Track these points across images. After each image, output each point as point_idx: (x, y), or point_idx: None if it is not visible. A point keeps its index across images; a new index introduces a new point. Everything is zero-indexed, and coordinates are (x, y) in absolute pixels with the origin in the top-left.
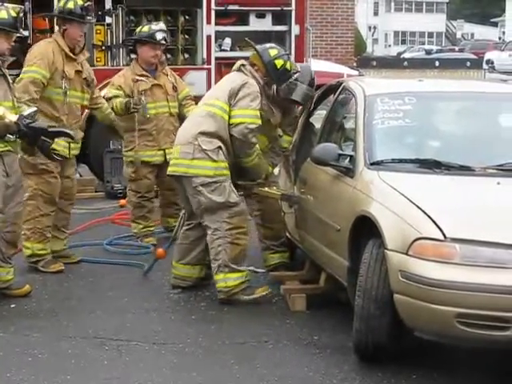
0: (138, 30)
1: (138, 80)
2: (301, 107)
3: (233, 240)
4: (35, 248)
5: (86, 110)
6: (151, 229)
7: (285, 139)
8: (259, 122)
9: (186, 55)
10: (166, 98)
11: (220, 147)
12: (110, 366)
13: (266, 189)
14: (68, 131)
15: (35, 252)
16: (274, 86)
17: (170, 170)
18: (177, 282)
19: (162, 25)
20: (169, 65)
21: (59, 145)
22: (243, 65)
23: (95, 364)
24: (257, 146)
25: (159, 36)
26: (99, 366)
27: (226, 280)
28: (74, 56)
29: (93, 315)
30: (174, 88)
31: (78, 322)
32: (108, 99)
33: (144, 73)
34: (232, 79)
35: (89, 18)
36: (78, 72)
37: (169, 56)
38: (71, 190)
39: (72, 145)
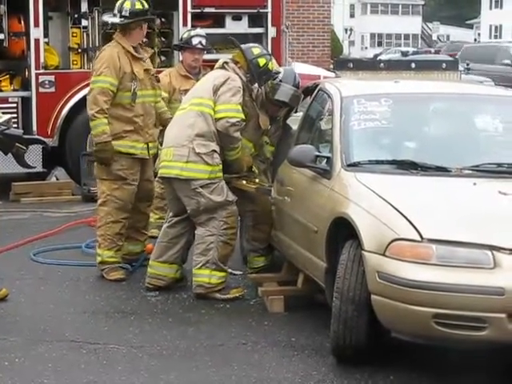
0: (180, 35)
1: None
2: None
3: (226, 239)
4: (105, 255)
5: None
6: (163, 221)
7: (268, 149)
8: (241, 115)
9: (163, 58)
10: None
11: (214, 150)
12: (87, 369)
13: (244, 182)
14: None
15: (104, 259)
16: (263, 90)
17: (161, 171)
18: (152, 281)
19: (198, 30)
20: (163, 66)
21: (137, 148)
22: (226, 62)
23: (72, 368)
24: (240, 141)
25: (195, 41)
26: (76, 369)
27: (210, 276)
28: (139, 55)
29: (70, 319)
30: None
31: (55, 325)
32: None
33: (187, 74)
34: (215, 76)
35: (153, 16)
36: (147, 70)
37: (163, 58)
38: (150, 193)
39: (150, 144)
